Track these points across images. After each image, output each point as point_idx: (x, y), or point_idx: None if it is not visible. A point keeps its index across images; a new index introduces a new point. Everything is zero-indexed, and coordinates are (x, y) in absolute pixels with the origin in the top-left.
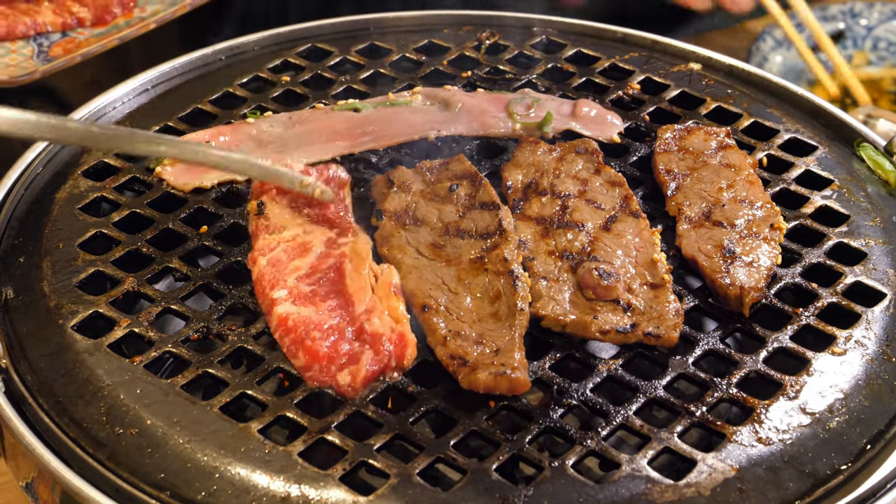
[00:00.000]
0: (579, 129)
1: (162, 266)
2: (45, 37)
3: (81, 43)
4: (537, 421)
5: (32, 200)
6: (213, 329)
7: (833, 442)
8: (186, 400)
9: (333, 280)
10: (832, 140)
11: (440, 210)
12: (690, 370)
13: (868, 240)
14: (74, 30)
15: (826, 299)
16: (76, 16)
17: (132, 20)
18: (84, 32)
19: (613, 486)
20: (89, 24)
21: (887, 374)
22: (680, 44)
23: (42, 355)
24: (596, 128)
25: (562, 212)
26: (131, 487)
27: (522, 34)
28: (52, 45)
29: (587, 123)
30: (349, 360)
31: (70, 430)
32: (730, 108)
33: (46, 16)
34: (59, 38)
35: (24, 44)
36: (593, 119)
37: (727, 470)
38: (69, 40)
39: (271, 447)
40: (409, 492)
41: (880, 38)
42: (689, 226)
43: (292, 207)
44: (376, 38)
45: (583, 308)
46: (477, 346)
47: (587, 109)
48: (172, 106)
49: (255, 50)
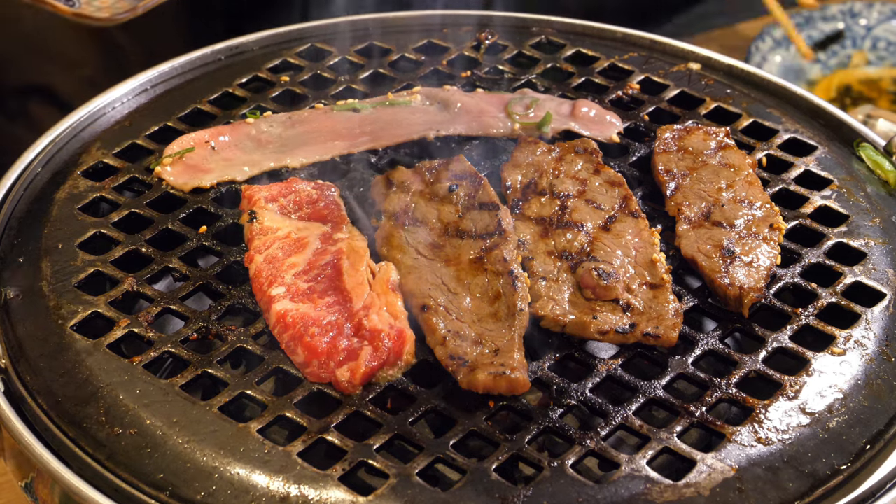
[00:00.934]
0: (578, 129)
1: (161, 266)
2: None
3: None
4: (537, 421)
5: (32, 200)
6: (212, 329)
7: (832, 442)
8: (186, 400)
9: (331, 277)
10: (832, 140)
11: (439, 210)
12: (690, 370)
13: (867, 240)
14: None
15: (825, 299)
16: None
17: None
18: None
19: (613, 486)
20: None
21: (887, 374)
22: (679, 44)
23: (41, 355)
24: (595, 128)
25: (561, 212)
26: (130, 487)
27: (522, 34)
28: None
29: (586, 123)
30: (348, 356)
31: (69, 430)
32: (729, 107)
33: None
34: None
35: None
36: (592, 119)
37: (726, 470)
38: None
39: (270, 447)
40: (409, 492)
41: (879, 38)
42: (689, 226)
43: (283, 213)
44: (375, 38)
45: (582, 308)
46: (476, 346)
47: (586, 109)
48: (172, 106)
49: (254, 50)
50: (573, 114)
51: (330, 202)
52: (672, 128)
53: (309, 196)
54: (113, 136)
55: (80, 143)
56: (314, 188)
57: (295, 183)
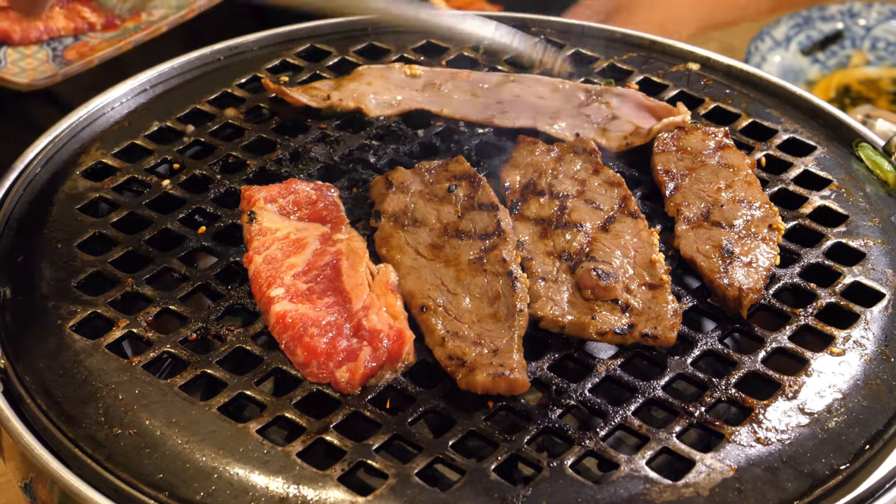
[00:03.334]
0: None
1: (160, 266)
2: (59, 41)
3: (95, 46)
4: (536, 421)
5: (31, 200)
6: (211, 329)
7: (831, 442)
8: (185, 400)
9: (330, 277)
10: (831, 140)
11: (439, 211)
12: (689, 370)
13: (867, 240)
14: (86, 34)
15: (824, 299)
16: (87, 21)
17: (141, 24)
18: (96, 36)
19: (612, 486)
20: (100, 28)
21: (886, 374)
22: (678, 44)
23: (40, 355)
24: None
25: (560, 212)
26: (130, 488)
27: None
28: (66, 48)
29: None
30: (347, 357)
31: (68, 430)
32: (728, 108)
33: (59, 21)
34: (71, 41)
35: (38, 48)
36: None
37: (725, 470)
38: (82, 44)
39: (270, 447)
40: (408, 492)
41: (879, 38)
42: (688, 226)
43: (283, 214)
44: (374, 38)
45: (581, 309)
46: (475, 346)
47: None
48: (171, 106)
49: (253, 50)
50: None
51: (329, 203)
52: (672, 125)
53: (308, 197)
54: (112, 136)
55: (79, 143)
56: (313, 189)
57: (294, 184)
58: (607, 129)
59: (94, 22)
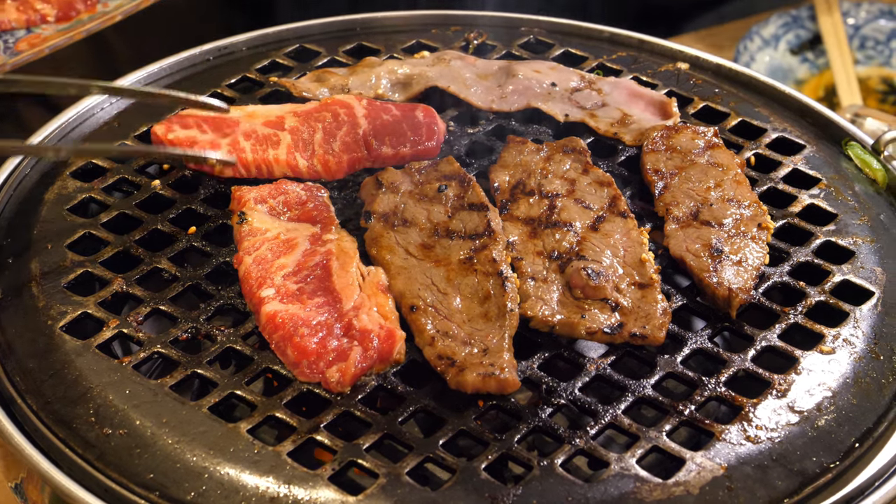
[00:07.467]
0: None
1: (150, 267)
2: (10, 34)
3: (47, 38)
4: (526, 420)
5: (21, 201)
6: (201, 329)
7: (821, 440)
8: (175, 400)
9: (320, 277)
10: (820, 139)
11: (429, 211)
12: (679, 369)
13: (855, 238)
14: (38, 26)
15: (814, 298)
16: (40, 13)
17: (95, 15)
18: (48, 28)
19: (602, 484)
20: (53, 20)
21: (875, 372)
22: (667, 43)
23: (31, 356)
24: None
25: (549, 212)
26: (120, 488)
27: (510, 34)
28: (18, 41)
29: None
30: (338, 357)
31: (59, 430)
32: (717, 107)
33: (10, 13)
34: (23, 34)
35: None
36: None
37: (716, 468)
38: (34, 36)
39: (260, 447)
40: (399, 491)
41: (867, 37)
42: (677, 225)
43: (273, 214)
44: (364, 38)
45: (571, 308)
46: (465, 346)
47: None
48: (160, 107)
49: (242, 50)
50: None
51: (319, 203)
52: (661, 127)
53: (298, 197)
54: (101, 136)
55: (69, 143)
56: (303, 189)
57: (284, 184)
58: (595, 115)
59: (46, 14)
